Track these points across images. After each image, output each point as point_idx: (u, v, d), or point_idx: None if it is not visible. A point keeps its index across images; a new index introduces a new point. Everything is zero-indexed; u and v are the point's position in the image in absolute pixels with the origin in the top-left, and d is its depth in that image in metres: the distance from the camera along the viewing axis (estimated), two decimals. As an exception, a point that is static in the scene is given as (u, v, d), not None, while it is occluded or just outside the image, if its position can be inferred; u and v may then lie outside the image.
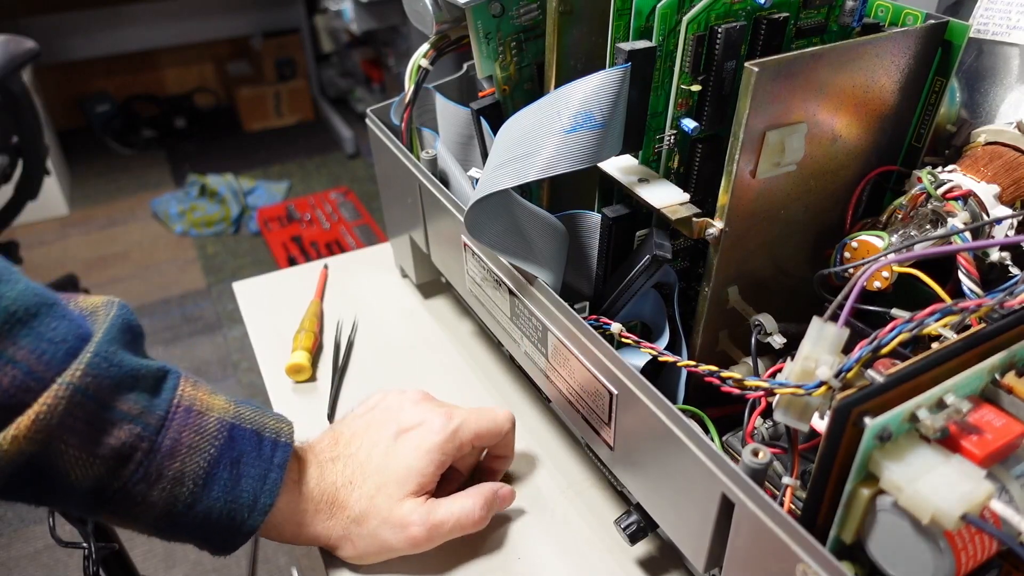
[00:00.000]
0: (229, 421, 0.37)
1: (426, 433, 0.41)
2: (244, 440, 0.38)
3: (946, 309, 0.29)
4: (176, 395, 0.36)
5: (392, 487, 0.40)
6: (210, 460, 0.36)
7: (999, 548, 0.26)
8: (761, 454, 0.30)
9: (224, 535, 0.37)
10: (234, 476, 0.37)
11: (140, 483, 0.34)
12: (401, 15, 2.05)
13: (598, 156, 0.36)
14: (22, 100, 1.21)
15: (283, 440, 0.39)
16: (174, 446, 0.35)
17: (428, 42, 0.50)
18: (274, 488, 0.38)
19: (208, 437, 0.36)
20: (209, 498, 0.36)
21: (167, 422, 0.35)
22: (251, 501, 0.37)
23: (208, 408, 0.37)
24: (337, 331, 0.61)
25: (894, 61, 0.37)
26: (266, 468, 0.38)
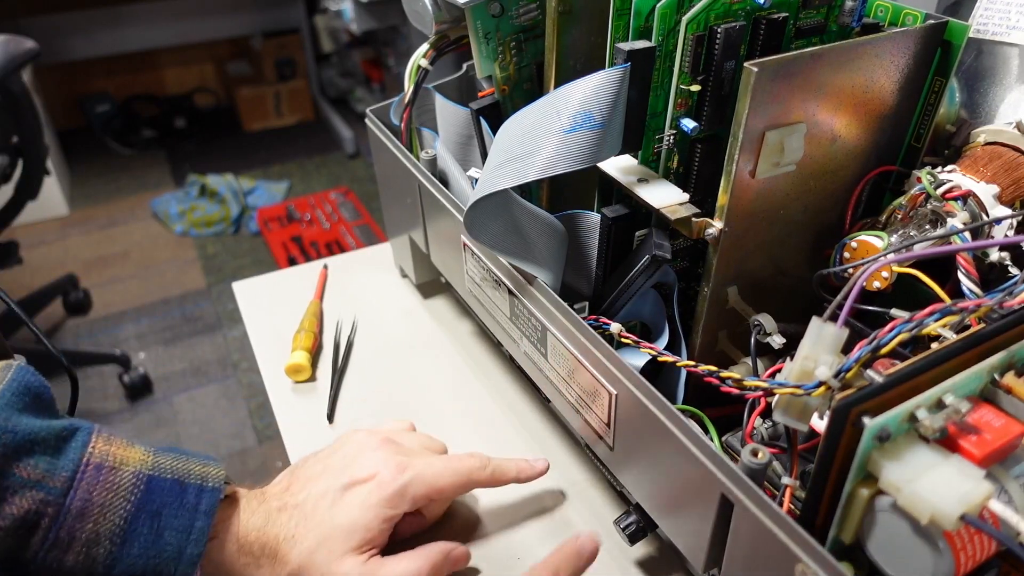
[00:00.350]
0: (147, 473, 0.35)
1: (375, 487, 0.39)
2: (163, 491, 0.35)
3: (945, 309, 0.29)
4: (85, 453, 0.34)
5: (334, 542, 0.38)
6: (126, 517, 0.34)
7: (998, 548, 0.26)
8: (760, 454, 0.30)
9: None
10: (155, 530, 0.34)
11: (52, 550, 0.32)
12: (401, 15, 2.05)
13: (598, 156, 0.36)
14: (22, 100, 1.21)
15: (210, 485, 0.37)
16: (84, 507, 0.33)
17: (428, 42, 0.50)
18: (201, 537, 0.35)
19: (122, 493, 0.34)
20: (129, 556, 0.34)
21: (75, 483, 0.33)
22: (176, 554, 0.35)
23: (122, 462, 0.35)
24: (337, 331, 0.61)
25: (893, 61, 0.37)
26: (191, 517, 0.35)
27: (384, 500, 0.39)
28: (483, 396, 0.55)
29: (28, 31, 1.46)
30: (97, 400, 1.60)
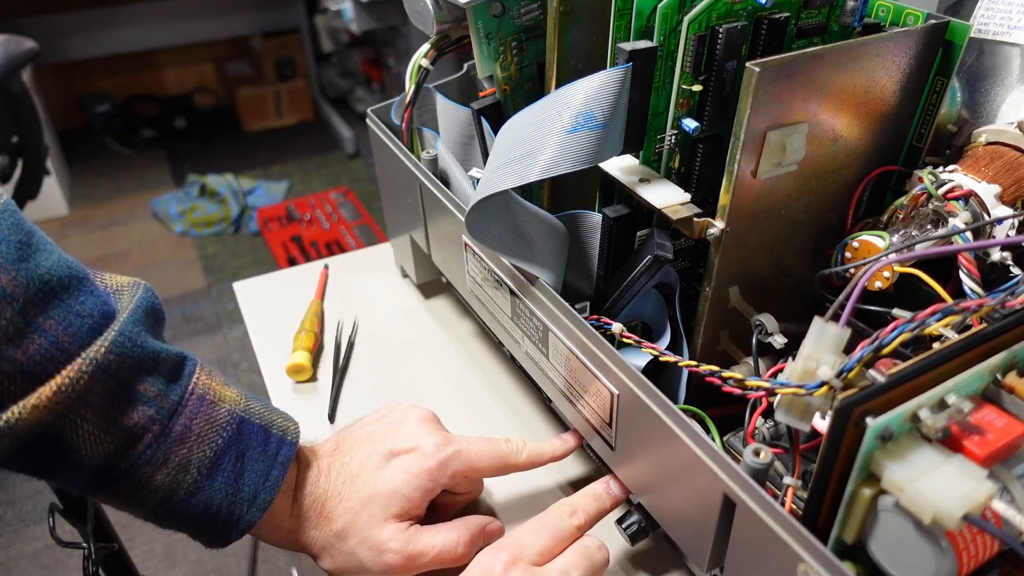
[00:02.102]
0: (239, 414, 0.37)
1: (418, 457, 0.40)
2: (252, 434, 0.37)
3: (947, 309, 0.29)
4: (191, 382, 0.36)
5: (376, 507, 0.39)
6: (217, 450, 0.36)
7: (1001, 548, 0.26)
8: (763, 454, 0.30)
9: (220, 528, 0.37)
10: (238, 469, 0.36)
11: (146, 466, 0.34)
12: (401, 15, 2.05)
13: (599, 156, 0.36)
14: (22, 100, 1.21)
15: (289, 439, 0.39)
16: (184, 432, 0.35)
17: (429, 42, 0.50)
18: (275, 485, 0.37)
19: (217, 427, 0.36)
20: (211, 488, 0.36)
21: (180, 408, 0.35)
22: (251, 496, 0.37)
23: (220, 399, 0.37)
24: (338, 331, 0.61)
25: (895, 61, 0.37)
26: (269, 465, 0.38)
27: (425, 472, 0.39)
28: (484, 396, 0.55)
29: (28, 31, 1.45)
30: (97, 400, 1.60)
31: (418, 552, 0.38)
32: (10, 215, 0.32)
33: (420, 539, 0.39)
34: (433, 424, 0.43)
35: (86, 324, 0.32)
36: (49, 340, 0.31)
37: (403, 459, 0.40)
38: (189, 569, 1.25)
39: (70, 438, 0.32)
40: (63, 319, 0.32)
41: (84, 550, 0.62)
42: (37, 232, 0.33)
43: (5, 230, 0.31)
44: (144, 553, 1.27)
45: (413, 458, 0.40)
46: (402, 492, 0.39)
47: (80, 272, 0.34)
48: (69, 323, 0.32)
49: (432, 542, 0.39)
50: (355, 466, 0.41)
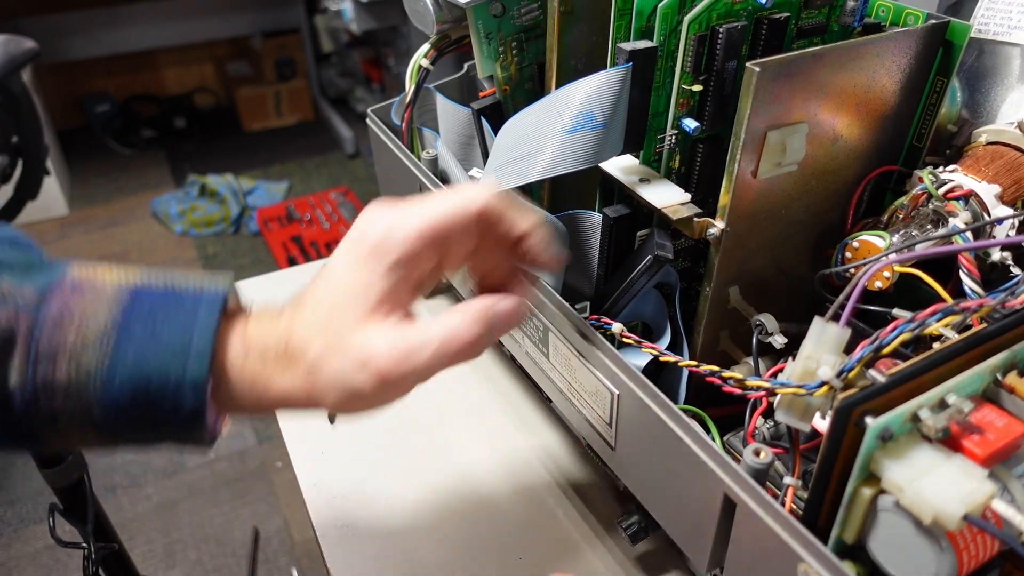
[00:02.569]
0: (131, 285, 0.30)
1: (357, 240, 0.32)
2: (155, 298, 0.30)
3: (947, 309, 0.29)
4: (61, 275, 0.30)
5: (345, 312, 0.30)
6: (112, 320, 0.29)
7: (1001, 548, 0.26)
8: (763, 454, 0.30)
9: (169, 405, 0.29)
10: (149, 329, 0.29)
11: (39, 365, 0.28)
12: (401, 15, 2.04)
13: (599, 156, 0.36)
14: (22, 100, 1.21)
15: (208, 288, 0.31)
16: (62, 315, 0.29)
17: (429, 42, 0.50)
18: (207, 329, 0.30)
19: (104, 300, 0.29)
20: (125, 361, 0.29)
21: (48, 295, 0.29)
22: (181, 350, 0.29)
23: (103, 278, 0.30)
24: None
25: (895, 61, 0.37)
26: (191, 314, 0.30)
27: (374, 243, 0.31)
28: (485, 396, 0.55)
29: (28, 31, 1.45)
30: (97, 400, 1.60)
31: (415, 346, 0.30)
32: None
33: (414, 331, 0.31)
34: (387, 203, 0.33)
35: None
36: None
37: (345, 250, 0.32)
38: (189, 569, 1.25)
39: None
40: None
41: (84, 550, 0.62)
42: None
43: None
44: (144, 553, 1.27)
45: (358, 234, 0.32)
46: (362, 282, 0.31)
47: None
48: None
49: (430, 332, 0.31)
50: (308, 294, 0.32)
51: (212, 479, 1.42)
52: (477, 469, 0.49)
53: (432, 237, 0.31)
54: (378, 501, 0.46)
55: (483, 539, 0.44)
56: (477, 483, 0.48)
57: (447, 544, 0.44)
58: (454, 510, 0.46)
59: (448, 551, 0.43)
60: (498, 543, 0.44)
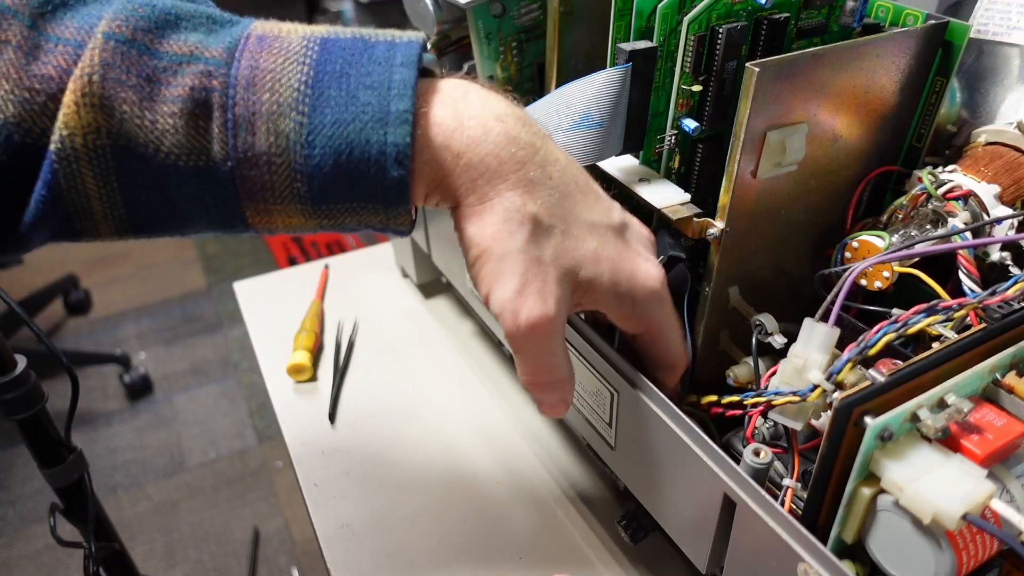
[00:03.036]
0: (319, 35, 0.29)
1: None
2: (344, 49, 0.29)
3: (931, 308, 0.30)
4: (245, 30, 0.29)
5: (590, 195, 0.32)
6: (305, 80, 0.28)
7: (1000, 547, 0.26)
8: (763, 454, 0.30)
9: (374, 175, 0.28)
10: (345, 91, 0.28)
11: (239, 133, 0.27)
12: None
13: (599, 156, 0.37)
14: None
15: (402, 39, 0.29)
16: (253, 75, 0.27)
17: (429, 42, 0.50)
18: (405, 90, 0.28)
19: (293, 56, 0.28)
20: (323, 126, 0.27)
21: (237, 53, 0.28)
22: (380, 114, 0.28)
23: (289, 32, 0.29)
24: (338, 331, 0.61)
25: (895, 61, 0.37)
26: (386, 70, 0.28)
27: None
28: (484, 396, 0.55)
29: (28, 31, 1.45)
30: (97, 400, 1.60)
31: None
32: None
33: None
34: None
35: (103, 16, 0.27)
36: (74, 47, 0.26)
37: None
38: (190, 569, 1.25)
39: (136, 135, 0.27)
40: (82, 23, 0.27)
41: (85, 550, 0.62)
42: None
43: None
44: (145, 553, 1.27)
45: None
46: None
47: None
48: (91, 24, 0.27)
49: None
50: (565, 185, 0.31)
51: (212, 479, 1.43)
52: (477, 469, 0.49)
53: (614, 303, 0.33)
54: (378, 501, 0.46)
55: (483, 539, 0.44)
56: (477, 483, 0.48)
57: (447, 544, 0.44)
58: (454, 510, 0.46)
59: (448, 551, 0.43)
60: (498, 543, 0.44)
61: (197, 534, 1.31)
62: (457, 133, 0.29)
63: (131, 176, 0.27)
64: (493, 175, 0.29)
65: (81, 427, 1.52)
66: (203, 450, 1.49)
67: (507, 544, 0.44)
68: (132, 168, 0.27)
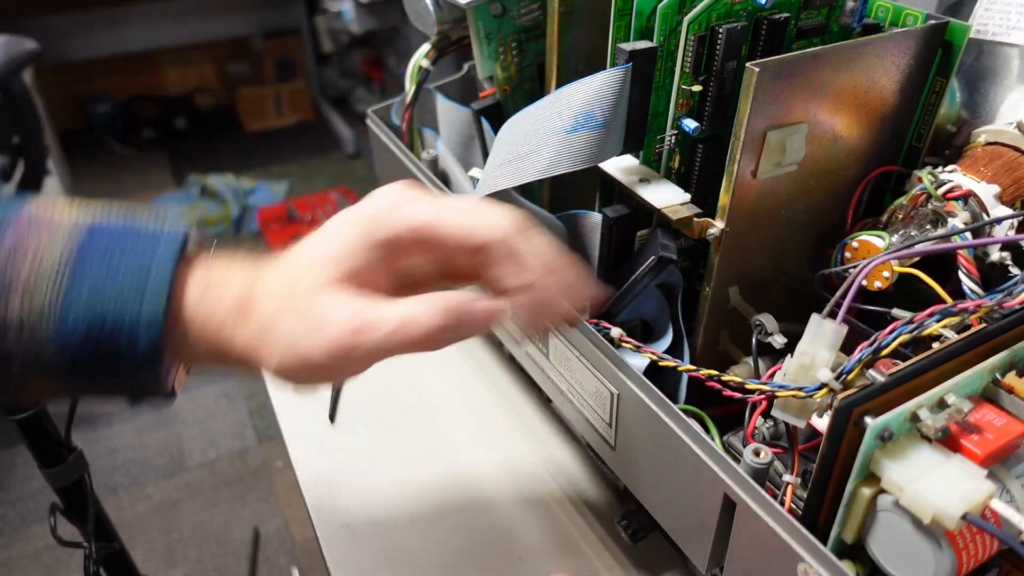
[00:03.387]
0: (87, 223, 0.29)
1: (354, 209, 0.31)
2: (112, 234, 0.29)
3: (946, 310, 0.30)
4: (18, 210, 0.29)
5: (315, 272, 0.29)
6: (68, 255, 0.28)
7: (1000, 547, 0.26)
8: (763, 454, 0.30)
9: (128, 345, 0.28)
10: (107, 267, 0.28)
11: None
12: (401, 15, 2.04)
13: (599, 156, 0.37)
14: (23, 100, 1.21)
15: (169, 226, 0.30)
16: (15, 249, 0.28)
17: (429, 42, 0.50)
18: (164, 270, 0.28)
19: (61, 235, 0.28)
20: (80, 296, 0.28)
21: (3, 229, 0.28)
22: (138, 287, 0.28)
23: (62, 216, 0.29)
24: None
25: (894, 61, 0.37)
26: (148, 252, 0.29)
27: (368, 216, 0.30)
28: (485, 396, 0.55)
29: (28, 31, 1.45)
30: (98, 400, 1.60)
31: (372, 322, 0.29)
32: None
33: (375, 309, 0.29)
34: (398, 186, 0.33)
35: None
36: None
37: (337, 218, 0.31)
38: (189, 569, 1.25)
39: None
40: None
41: (85, 550, 0.62)
42: None
43: None
44: (144, 553, 1.27)
45: (349, 211, 0.31)
46: (342, 246, 0.29)
47: None
48: None
49: (393, 311, 0.29)
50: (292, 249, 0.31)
51: (212, 479, 1.42)
52: (477, 469, 0.49)
53: (426, 238, 0.30)
54: (378, 501, 0.46)
55: (483, 539, 0.44)
56: (477, 483, 0.48)
57: (447, 544, 0.44)
58: (454, 510, 0.46)
59: (448, 551, 0.43)
60: (498, 543, 0.44)
61: (197, 534, 1.31)
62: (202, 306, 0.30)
63: None
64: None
65: (81, 427, 1.52)
66: (203, 450, 1.49)
67: (507, 544, 0.44)
68: None
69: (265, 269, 0.31)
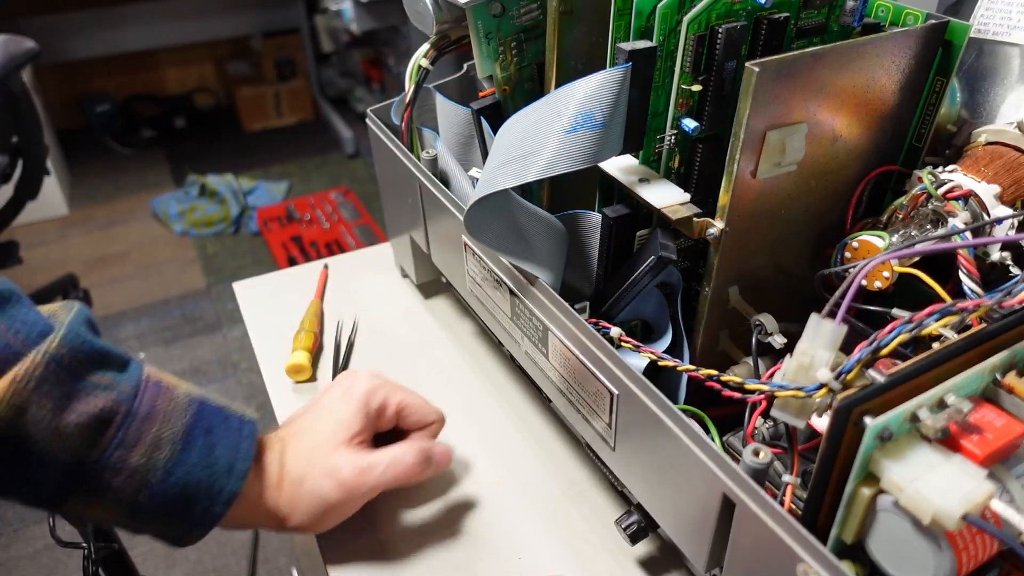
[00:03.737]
0: (197, 397, 0.39)
1: (353, 384, 0.43)
2: (213, 414, 0.39)
3: (945, 310, 0.29)
4: (143, 373, 0.37)
5: (325, 442, 0.41)
6: (185, 426, 0.37)
7: (1000, 548, 0.26)
8: (762, 454, 0.30)
9: (202, 505, 0.37)
10: (209, 443, 0.37)
11: (119, 448, 0.35)
12: (401, 15, 2.04)
13: (598, 156, 0.36)
14: (22, 100, 1.21)
15: (248, 417, 0.41)
16: (150, 411, 0.36)
17: (428, 42, 0.50)
18: (248, 455, 0.38)
19: (180, 407, 0.37)
20: (187, 463, 0.36)
21: (140, 391, 0.36)
22: (227, 466, 0.38)
23: (175, 385, 0.38)
24: (337, 331, 0.61)
25: (895, 61, 0.37)
26: (237, 438, 0.39)
27: (362, 394, 0.43)
28: (484, 396, 0.55)
29: (28, 31, 1.45)
30: (97, 400, 1.60)
31: (369, 463, 0.41)
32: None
33: (370, 454, 0.42)
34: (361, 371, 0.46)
35: (33, 331, 0.34)
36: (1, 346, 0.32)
37: (339, 390, 0.43)
38: (189, 569, 1.25)
39: (33, 435, 0.33)
40: (9, 325, 0.33)
41: (84, 550, 0.62)
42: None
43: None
44: (144, 553, 1.27)
45: (349, 385, 0.43)
46: (343, 419, 0.42)
47: (17, 291, 0.35)
48: (16, 329, 0.33)
49: (383, 455, 0.42)
50: (302, 427, 0.43)
51: (212, 479, 1.42)
52: (476, 469, 0.49)
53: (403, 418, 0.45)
54: (377, 501, 0.46)
55: (482, 539, 0.44)
56: (476, 483, 0.48)
57: (447, 544, 0.44)
58: (454, 510, 0.46)
59: (447, 551, 0.43)
60: (497, 543, 0.44)
61: (197, 534, 1.31)
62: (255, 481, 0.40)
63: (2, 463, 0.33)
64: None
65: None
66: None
67: (507, 544, 0.44)
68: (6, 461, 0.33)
69: (290, 443, 0.42)
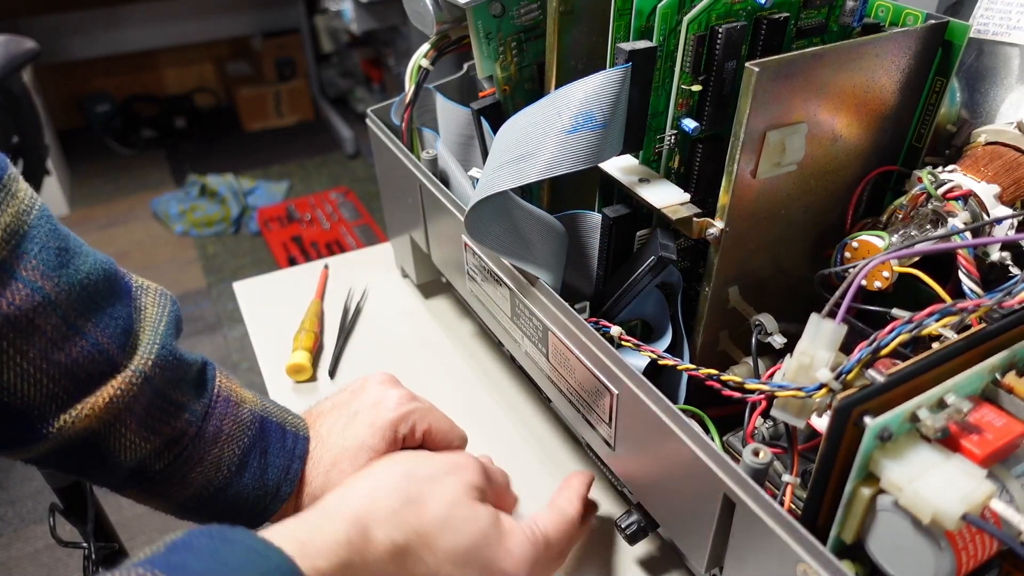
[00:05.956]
0: (259, 414, 0.40)
1: (381, 410, 0.41)
2: (272, 432, 0.40)
3: (945, 310, 0.29)
4: (216, 386, 0.39)
5: (345, 463, 0.40)
6: (244, 448, 0.38)
7: (999, 548, 0.26)
8: (762, 454, 0.30)
9: (245, 521, 0.38)
10: (263, 464, 0.39)
11: (183, 465, 0.36)
12: (401, 15, 2.04)
13: (599, 156, 0.36)
14: (22, 100, 1.21)
15: (302, 434, 0.41)
16: (216, 433, 0.37)
17: (429, 42, 0.50)
18: (295, 478, 0.40)
19: (243, 427, 0.39)
20: (240, 484, 0.38)
21: (211, 410, 0.38)
22: (275, 488, 0.39)
23: (242, 400, 0.40)
24: (348, 298, 0.63)
25: (894, 61, 0.37)
26: (289, 459, 0.40)
27: (389, 422, 0.41)
28: (484, 396, 0.55)
29: (28, 31, 1.45)
30: (97, 400, 1.60)
31: None
32: (46, 221, 0.33)
33: None
34: (393, 382, 0.44)
35: (119, 326, 0.34)
36: (91, 343, 0.33)
37: (367, 412, 0.41)
38: (189, 569, 1.25)
39: (112, 444, 0.34)
40: (100, 322, 0.33)
41: (84, 550, 0.62)
42: (71, 236, 0.34)
43: (44, 237, 0.32)
44: (144, 553, 1.27)
45: (377, 410, 0.41)
46: (368, 444, 0.40)
47: (111, 270, 0.36)
48: (105, 325, 0.34)
49: None
50: (324, 431, 0.42)
51: (212, 479, 1.42)
52: (477, 469, 0.49)
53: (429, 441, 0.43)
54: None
55: (483, 539, 0.44)
56: (477, 483, 0.48)
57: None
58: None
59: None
60: (498, 543, 0.44)
61: (197, 534, 1.31)
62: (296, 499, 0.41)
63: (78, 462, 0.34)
64: None
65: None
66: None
67: (507, 544, 0.44)
68: (84, 458, 0.34)
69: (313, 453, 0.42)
